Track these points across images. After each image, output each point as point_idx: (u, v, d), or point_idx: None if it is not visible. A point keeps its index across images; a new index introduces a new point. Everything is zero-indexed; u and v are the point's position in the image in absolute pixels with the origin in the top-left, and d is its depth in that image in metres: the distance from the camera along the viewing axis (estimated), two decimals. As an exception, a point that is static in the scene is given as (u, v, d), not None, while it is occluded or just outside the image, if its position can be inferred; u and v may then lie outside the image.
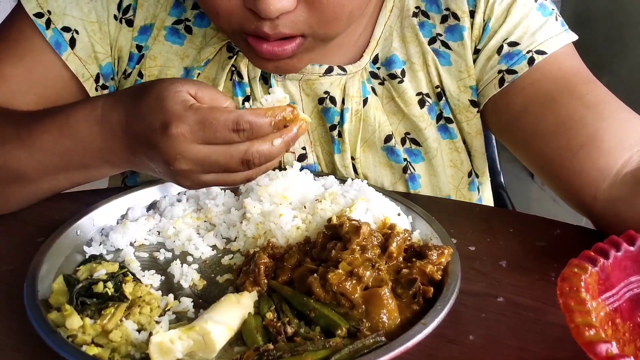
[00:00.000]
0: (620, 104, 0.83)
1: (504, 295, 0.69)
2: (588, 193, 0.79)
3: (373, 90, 0.91)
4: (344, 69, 0.90)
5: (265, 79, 0.91)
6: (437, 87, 0.91)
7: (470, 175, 0.96)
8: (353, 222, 0.69)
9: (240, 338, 0.62)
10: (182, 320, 0.65)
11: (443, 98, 0.91)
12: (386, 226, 0.73)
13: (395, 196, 0.81)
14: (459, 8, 0.89)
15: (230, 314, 0.62)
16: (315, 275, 0.65)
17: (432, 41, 0.90)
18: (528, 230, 0.81)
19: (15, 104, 0.87)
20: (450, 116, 0.92)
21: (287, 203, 0.77)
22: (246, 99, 0.90)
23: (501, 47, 0.87)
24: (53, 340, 0.59)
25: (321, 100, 0.91)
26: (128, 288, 0.65)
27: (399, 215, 0.77)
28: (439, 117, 0.92)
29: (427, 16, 0.91)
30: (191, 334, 0.59)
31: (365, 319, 0.62)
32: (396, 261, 0.67)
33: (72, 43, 0.90)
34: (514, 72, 0.86)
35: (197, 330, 0.59)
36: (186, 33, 0.92)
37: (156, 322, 0.64)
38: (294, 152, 0.92)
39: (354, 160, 0.92)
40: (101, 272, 0.66)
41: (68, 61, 0.90)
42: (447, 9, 0.90)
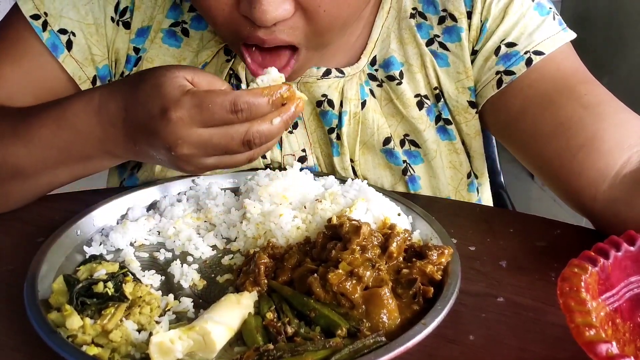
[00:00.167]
0: (619, 104, 0.83)
1: (504, 295, 0.69)
2: (587, 194, 0.79)
3: (371, 92, 0.91)
4: (342, 72, 0.90)
5: None
6: (436, 89, 0.91)
7: (469, 176, 0.96)
8: (353, 222, 0.69)
9: (240, 338, 0.62)
10: (182, 320, 0.65)
11: (441, 99, 0.91)
12: (386, 226, 0.73)
13: (395, 196, 0.81)
14: (456, 9, 0.89)
15: (230, 314, 0.62)
16: (315, 275, 0.65)
17: (430, 42, 0.90)
18: (528, 230, 0.81)
19: (12, 105, 0.86)
20: (449, 117, 0.92)
21: (287, 203, 0.77)
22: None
23: (499, 48, 0.87)
24: (53, 340, 0.58)
25: (319, 103, 0.91)
26: (128, 288, 0.65)
27: (399, 215, 0.77)
28: (438, 119, 0.92)
29: (425, 17, 0.90)
30: (191, 334, 0.59)
31: (365, 319, 0.62)
32: (396, 261, 0.67)
33: (69, 45, 0.89)
34: (512, 73, 0.86)
35: (197, 330, 0.59)
36: (183, 36, 0.92)
37: (156, 322, 0.64)
38: (294, 154, 0.92)
39: (353, 162, 0.92)
40: (101, 272, 0.66)
41: (65, 63, 0.89)
42: (445, 10, 0.89)
